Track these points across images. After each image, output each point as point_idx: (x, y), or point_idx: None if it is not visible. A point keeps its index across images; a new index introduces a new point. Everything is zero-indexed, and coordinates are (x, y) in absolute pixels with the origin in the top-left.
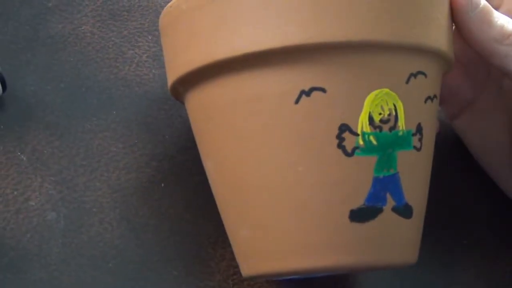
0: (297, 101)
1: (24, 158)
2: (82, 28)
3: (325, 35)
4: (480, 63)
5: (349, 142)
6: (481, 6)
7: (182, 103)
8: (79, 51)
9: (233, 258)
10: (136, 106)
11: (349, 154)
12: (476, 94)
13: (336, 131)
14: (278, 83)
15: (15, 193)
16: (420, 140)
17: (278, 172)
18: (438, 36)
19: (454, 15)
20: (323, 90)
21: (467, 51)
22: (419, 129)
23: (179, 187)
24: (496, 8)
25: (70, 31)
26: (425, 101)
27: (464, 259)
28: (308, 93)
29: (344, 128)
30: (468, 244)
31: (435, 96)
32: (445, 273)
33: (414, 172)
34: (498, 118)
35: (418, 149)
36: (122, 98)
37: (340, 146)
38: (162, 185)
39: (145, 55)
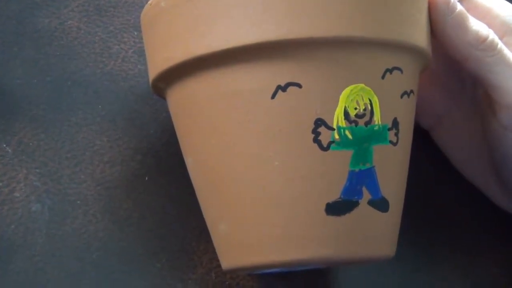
0: (273, 96)
1: (10, 150)
2: (69, 23)
3: (300, 31)
4: (454, 74)
5: (325, 136)
6: (457, 10)
7: (164, 99)
8: (66, 45)
9: (216, 251)
10: (121, 100)
11: (324, 148)
12: (451, 106)
13: (312, 126)
14: (254, 79)
15: (0, 184)
16: (396, 134)
17: (254, 167)
18: (414, 32)
19: (431, 19)
20: (298, 85)
21: (441, 63)
22: (395, 123)
23: (163, 181)
24: None
25: (57, 25)
26: (401, 96)
27: (445, 257)
28: (284, 88)
29: (319, 122)
30: (450, 242)
31: (412, 91)
32: (426, 270)
33: (391, 166)
34: (473, 128)
35: (395, 144)
36: (108, 93)
37: (316, 140)
38: (146, 178)
39: (131, 50)
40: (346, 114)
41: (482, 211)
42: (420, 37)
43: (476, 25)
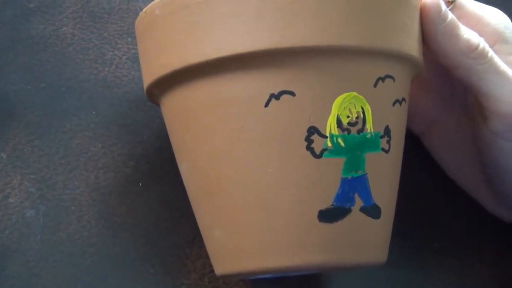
0: (267, 105)
1: (4, 156)
2: (63, 29)
3: (293, 40)
4: (445, 81)
5: (318, 144)
6: (449, 19)
7: (158, 105)
8: (60, 52)
9: (209, 257)
10: (115, 106)
11: (317, 156)
12: (442, 112)
13: (305, 134)
14: (248, 87)
15: None
16: (388, 142)
17: (248, 174)
18: (407, 41)
19: (423, 27)
20: (292, 93)
21: (432, 70)
22: (387, 131)
23: (156, 186)
24: None
25: (51, 32)
26: (393, 104)
27: (437, 261)
28: (277, 96)
29: (312, 130)
30: (442, 247)
31: (403, 99)
32: (418, 275)
33: (383, 174)
34: (464, 134)
35: (387, 151)
36: (102, 99)
37: (309, 148)
38: (140, 184)
39: (125, 57)
40: (339, 122)
41: (474, 216)
42: (412, 46)
43: (467, 33)
